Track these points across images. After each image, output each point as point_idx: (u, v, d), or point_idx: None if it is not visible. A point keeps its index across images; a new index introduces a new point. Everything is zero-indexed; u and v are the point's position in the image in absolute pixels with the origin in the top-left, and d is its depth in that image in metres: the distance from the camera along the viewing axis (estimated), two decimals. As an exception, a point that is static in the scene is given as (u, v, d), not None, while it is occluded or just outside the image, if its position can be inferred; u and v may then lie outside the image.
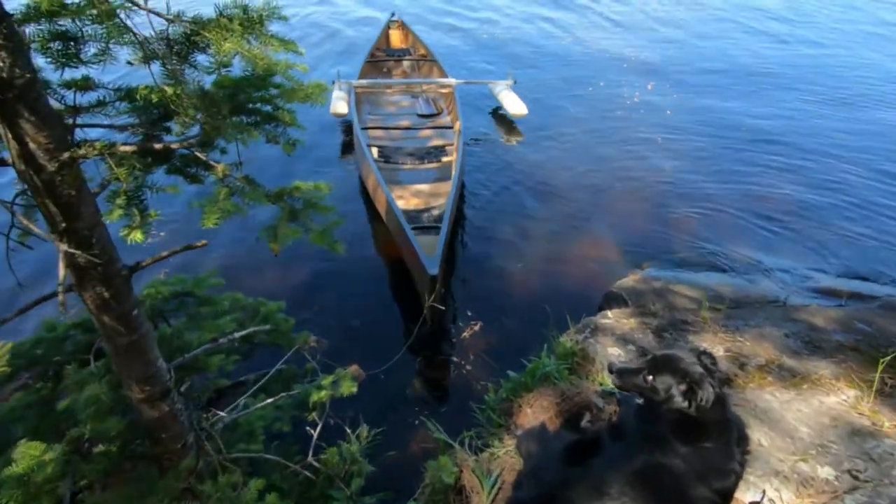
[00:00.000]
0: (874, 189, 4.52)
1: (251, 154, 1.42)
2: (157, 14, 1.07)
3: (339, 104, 5.44)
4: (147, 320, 1.41)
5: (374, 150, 4.81)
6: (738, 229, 3.94)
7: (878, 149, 5.15)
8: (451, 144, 4.74)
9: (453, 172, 4.12)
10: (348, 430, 2.10)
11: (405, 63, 7.30)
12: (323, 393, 1.89)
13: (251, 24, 1.11)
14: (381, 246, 4.05)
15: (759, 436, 1.76)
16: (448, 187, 4.00)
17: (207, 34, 1.06)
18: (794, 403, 2.00)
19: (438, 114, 5.79)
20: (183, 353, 1.65)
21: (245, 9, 1.11)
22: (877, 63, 7.54)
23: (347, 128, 5.50)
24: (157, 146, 1.27)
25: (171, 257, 1.39)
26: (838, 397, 2.04)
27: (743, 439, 1.60)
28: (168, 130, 1.35)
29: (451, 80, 6.02)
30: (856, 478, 1.55)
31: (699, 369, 1.53)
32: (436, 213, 3.91)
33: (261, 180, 1.45)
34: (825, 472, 1.59)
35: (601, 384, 2.19)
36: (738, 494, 1.55)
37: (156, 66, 1.12)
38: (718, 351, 2.40)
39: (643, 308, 2.84)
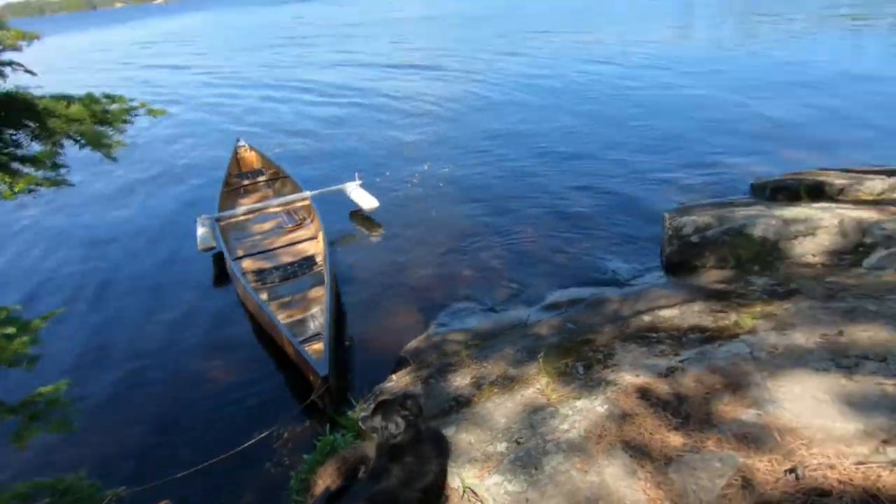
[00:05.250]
0: (579, 220, 6.06)
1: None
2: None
3: (206, 240, 5.82)
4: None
5: (249, 275, 5.15)
6: (499, 273, 5.00)
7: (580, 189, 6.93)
8: (319, 252, 5.31)
9: (325, 277, 4.65)
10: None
11: (260, 183, 7.87)
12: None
13: None
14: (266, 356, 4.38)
15: (469, 437, 2.46)
16: (322, 292, 4.51)
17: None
18: (506, 403, 2.76)
19: (301, 225, 6.30)
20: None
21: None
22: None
23: (219, 256, 5.76)
24: None
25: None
26: (535, 387, 2.87)
27: (441, 446, 2.27)
28: None
29: (307, 193, 6.69)
30: (518, 443, 2.30)
31: (396, 408, 2.18)
32: (317, 319, 4.31)
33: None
34: (501, 446, 2.32)
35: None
36: (449, 480, 2.20)
37: None
38: (465, 380, 3.15)
39: (421, 363, 3.54)
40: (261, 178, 7.96)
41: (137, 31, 50.73)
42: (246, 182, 7.87)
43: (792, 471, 1.75)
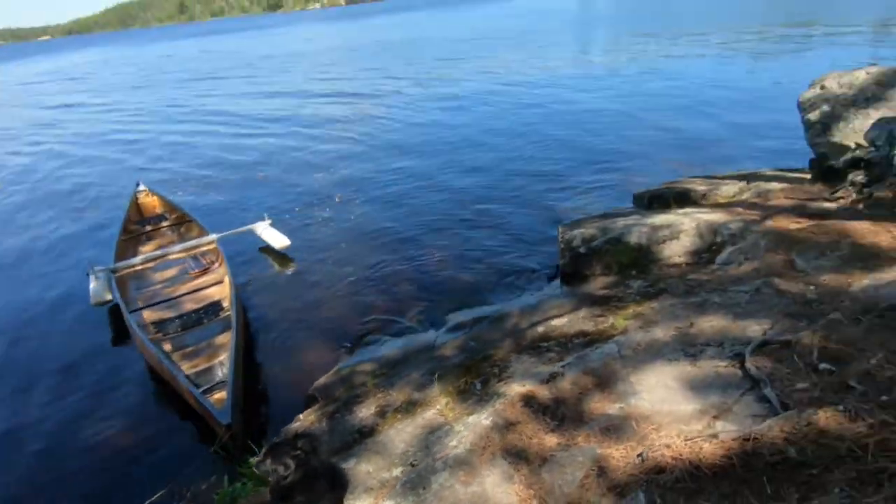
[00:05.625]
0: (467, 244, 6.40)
1: None
2: None
3: (100, 293, 5.36)
4: None
5: (149, 326, 4.85)
6: (410, 297, 5.15)
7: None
8: (226, 296, 5.09)
9: (232, 322, 4.49)
10: None
11: (163, 228, 7.41)
12: None
13: None
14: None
15: (368, 466, 2.52)
16: (229, 338, 4.36)
17: None
18: (406, 428, 2.86)
19: (208, 269, 6.00)
20: None
21: None
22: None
23: (116, 309, 5.32)
24: None
25: None
26: (435, 409, 2.99)
27: (336, 480, 2.31)
28: None
29: (213, 236, 6.39)
30: (412, 465, 2.40)
31: (286, 449, 2.21)
32: (223, 366, 4.15)
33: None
34: (397, 471, 2.40)
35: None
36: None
37: None
38: (371, 409, 3.21)
39: (329, 398, 3.55)
40: (164, 224, 7.61)
41: (23, 70, 46.67)
42: (148, 228, 7.48)
43: (640, 455, 1.98)
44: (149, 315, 5.23)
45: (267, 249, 6.75)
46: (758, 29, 21.12)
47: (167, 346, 4.61)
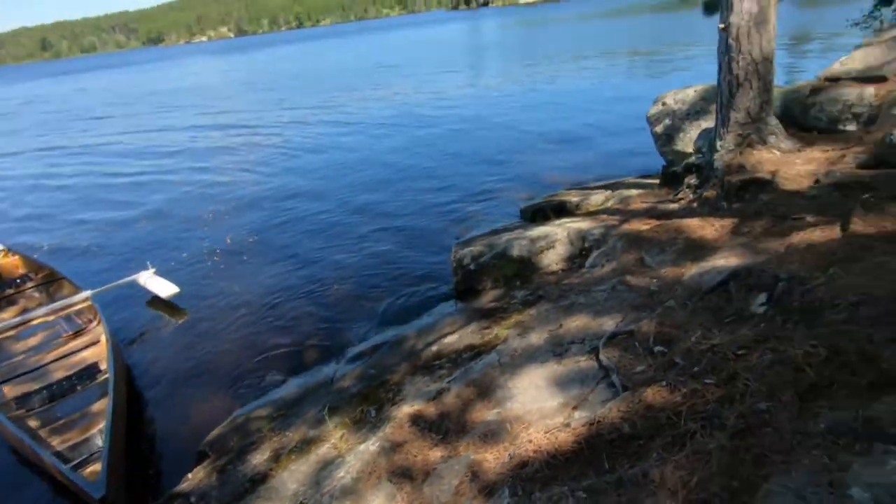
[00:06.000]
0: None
1: None
2: None
3: None
4: None
5: (10, 403, 4.32)
6: (308, 333, 5.08)
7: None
8: (103, 358, 4.68)
9: (109, 387, 4.10)
10: None
11: (28, 290, 6.59)
12: None
13: None
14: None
15: (259, 514, 2.47)
16: (105, 404, 3.99)
17: None
18: (300, 467, 2.83)
19: (83, 330, 5.42)
20: None
21: None
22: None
23: None
24: None
25: None
26: (330, 443, 2.99)
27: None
28: None
29: (87, 293, 5.78)
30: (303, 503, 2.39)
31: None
32: (101, 436, 3.77)
33: None
34: (286, 513, 2.38)
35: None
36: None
37: None
38: (265, 455, 3.13)
39: (221, 451, 3.39)
40: (28, 285, 6.80)
41: None
42: (10, 291, 6.65)
43: (510, 454, 2.14)
44: (9, 390, 4.64)
45: (154, 300, 6.30)
46: (626, 52, 23.69)
47: (33, 423, 4.13)
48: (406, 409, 2.82)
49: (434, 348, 3.85)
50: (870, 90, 4.17)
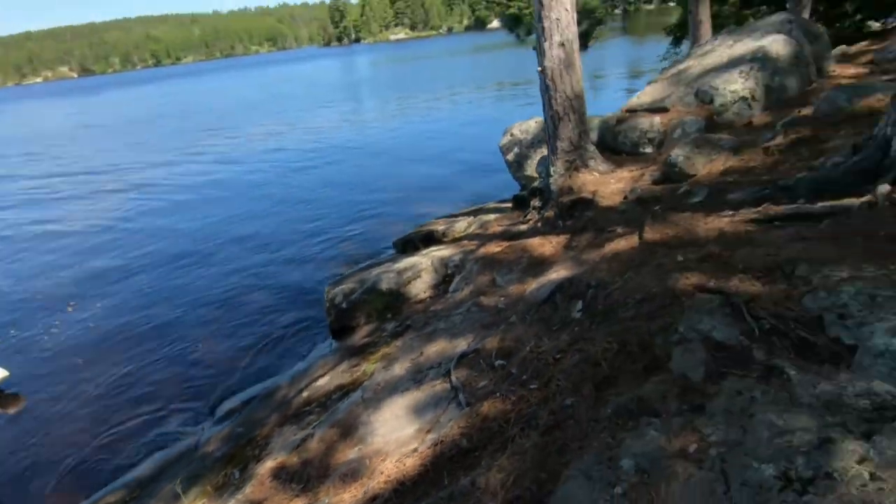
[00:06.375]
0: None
1: None
2: None
3: None
4: None
5: None
6: (168, 400, 4.67)
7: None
8: None
9: None
10: None
11: None
12: None
13: None
14: None
15: None
16: None
17: None
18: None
19: None
20: None
21: None
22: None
23: None
24: None
25: None
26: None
27: None
28: None
29: None
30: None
31: None
32: None
33: None
34: None
35: None
36: None
37: None
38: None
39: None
40: None
41: None
42: None
43: (366, 489, 2.19)
44: None
45: None
46: (492, 84, 25.60)
47: None
48: (269, 464, 2.74)
49: (305, 394, 3.78)
50: (657, 119, 5.05)
